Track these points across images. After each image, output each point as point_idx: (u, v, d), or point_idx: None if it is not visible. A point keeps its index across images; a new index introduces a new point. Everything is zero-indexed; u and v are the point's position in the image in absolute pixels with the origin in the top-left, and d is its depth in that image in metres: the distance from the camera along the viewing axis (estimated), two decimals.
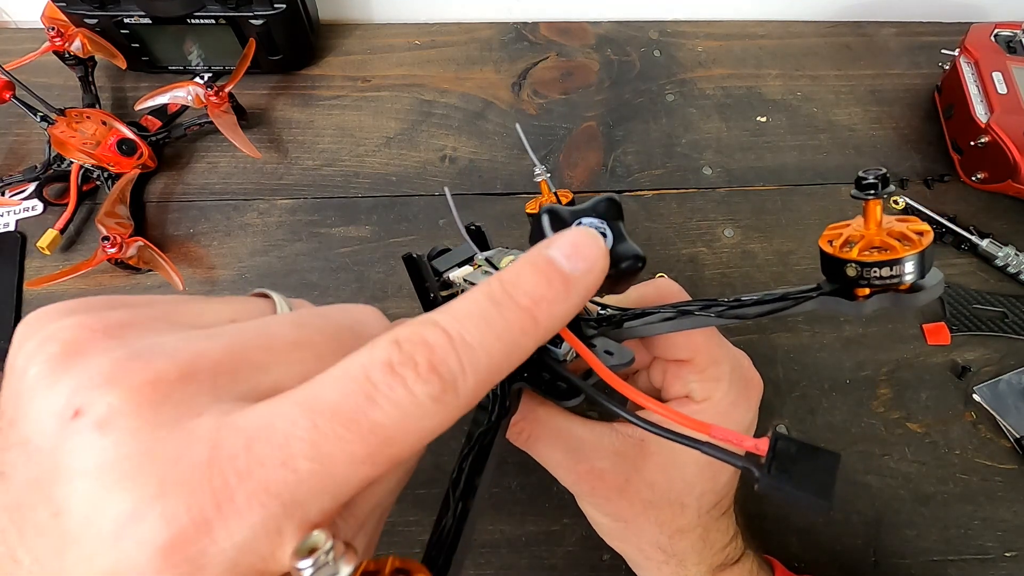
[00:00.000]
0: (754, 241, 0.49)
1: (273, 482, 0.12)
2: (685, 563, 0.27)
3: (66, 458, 0.13)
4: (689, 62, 0.59)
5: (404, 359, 0.14)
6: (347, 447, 0.13)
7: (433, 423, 0.14)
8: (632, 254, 0.19)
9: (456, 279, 0.28)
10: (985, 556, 0.38)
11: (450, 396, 0.14)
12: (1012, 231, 0.49)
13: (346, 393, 0.13)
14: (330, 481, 0.13)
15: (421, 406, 0.13)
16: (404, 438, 0.13)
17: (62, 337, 0.14)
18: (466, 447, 0.20)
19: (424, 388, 0.13)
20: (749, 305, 0.21)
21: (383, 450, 0.13)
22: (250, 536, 0.12)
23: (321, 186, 0.50)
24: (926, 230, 0.18)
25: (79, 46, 0.48)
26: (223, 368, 0.14)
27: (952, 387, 0.43)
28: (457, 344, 0.14)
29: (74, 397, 0.13)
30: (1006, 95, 0.48)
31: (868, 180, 0.18)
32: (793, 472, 0.16)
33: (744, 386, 0.27)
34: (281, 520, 0.13)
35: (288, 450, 0.13)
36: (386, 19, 0.61)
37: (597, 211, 0.19)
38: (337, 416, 0.13)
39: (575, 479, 0.27)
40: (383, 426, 0.13)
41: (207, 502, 0.12)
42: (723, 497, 0.28)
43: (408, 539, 0.37)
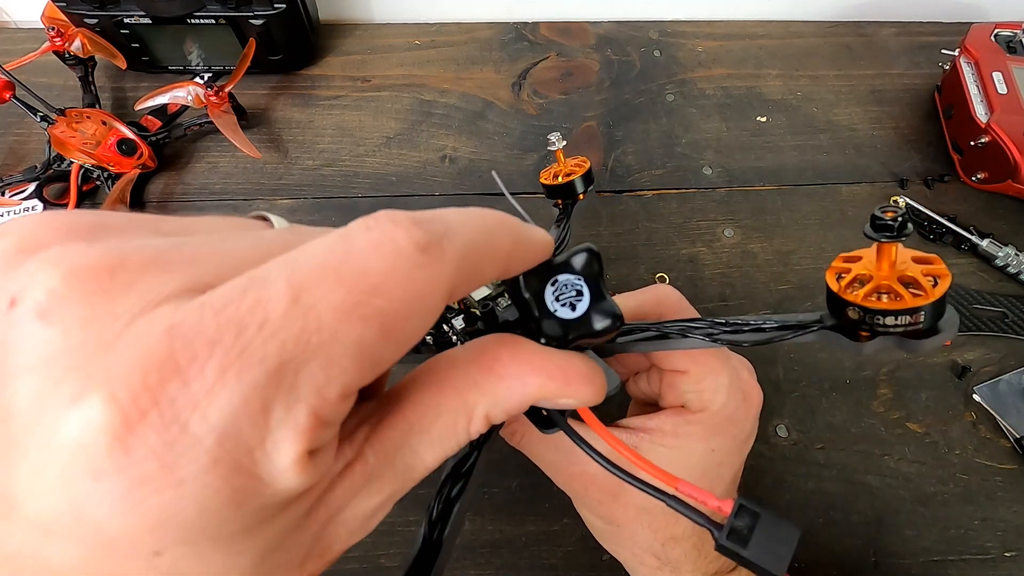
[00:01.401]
0: (754, 241, 0.49)
1: (250, 346, 0.10)
2: (680, 570, 0.27)
3: (9, 354, 0.11)
4: (689, 62, 0.59)
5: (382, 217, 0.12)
6: (330, 295, 0.11)
7: (421, 275, 0.12)
8: (609, 314, 0.18)
9: None
10: (985, 556, 0.38)
11: (435, 251, 0.12)
12: (1012, 231, 0.49)
13: (324, 250, 0.12)
14: (317, 340, 0.11)
15: (406, 253, 0.12)
16: (392, 288, 0.12)
17: (20, 232, 0.12)
18: (446, 472, 0.20)
19: (405, 235, 0.12)
20: (746, 331, 0.20)
21: (371, 300, 0.11)
22: (229, 416, 0.10)
23: (321, 186, 0.50)
24: (943, 274, 0.17)
25: (79, 46, 0.48)
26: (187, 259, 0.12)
27: (952, 387, 0.43)
28: (435, 213, 0.13)
29: (11, 285, 0.11)
30: (1006, 95, 0.48)
31: (884, 220, 0.16)
32: (751, 539, 0.16)
33: (742, 398, 0.27)
34: (266, 393, 0.10)
35: (265, 310, 0.11)
36: (386, 19, 0.61)
37: (573, 268, 0.18)
38: (316, 269, 0.11)
39: (567, 480, 0.27)
40: (367, 272, 0.12)
41: (171, 379, 0.10)
42: None
43: (408, 539, 0.37)
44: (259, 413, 0.10)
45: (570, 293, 0.18)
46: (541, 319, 0.18)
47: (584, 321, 0.18)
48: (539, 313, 0.18)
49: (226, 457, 0.10)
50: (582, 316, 0.18)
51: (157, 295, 0.11)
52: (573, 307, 0.18)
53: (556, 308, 0.18)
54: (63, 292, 0.11)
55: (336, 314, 0.11)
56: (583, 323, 0.18)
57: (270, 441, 0.11)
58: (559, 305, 0.18)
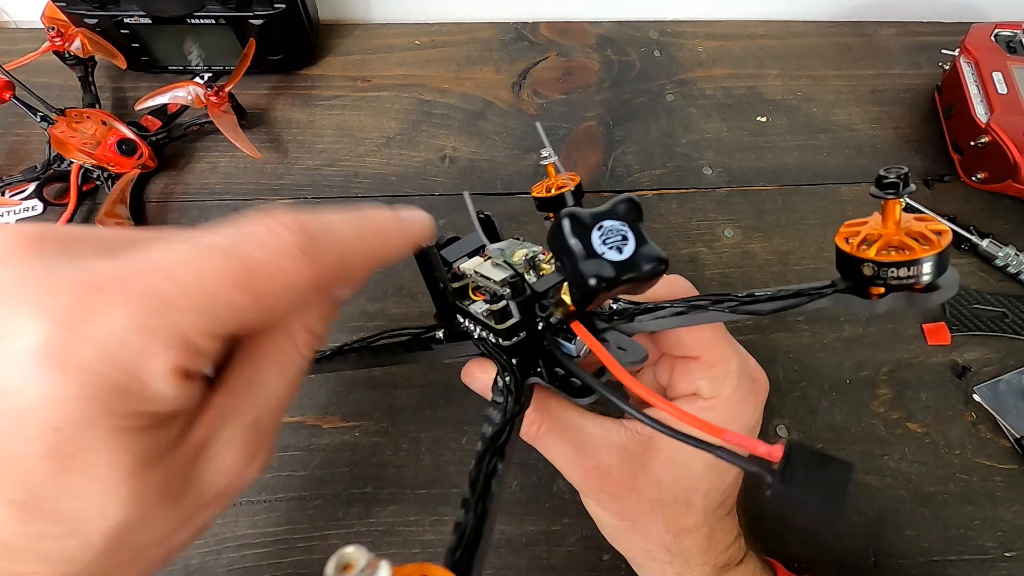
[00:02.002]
0: (754, 241, 0.49)
1: (152, 285, 0.14)
2: (690, 563, 0.27)
3: None
4: (689, 62, 0.59)
5: (273, 217, 0.17)
6: (223, 268, 0.15)
7: (296, 267, 0.16)
8: (655, 257, 0.19)
9: (468, 270, 0.28)
10: (985, 556, 0.38)
11: (311, 248, 0.17)
12: (1012, 231, 0.49)
13: (225, 235, 0.16)
14: (205, 294, 0.15)
15: (285, 247, 0.16)
16: (273, 272, 0.16)
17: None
18: (483, 447, 0.20)
19: (287, 233, 0.16)
20: (763, 301, 0.21)
21: (253, 277, 0.16)
22: (125, 326, 0.14)
23: (321, 186, 0.50)
24: (944, 230, 0.18)
25: (79, 46, 0.48)
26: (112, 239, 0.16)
27: (952, 387, 0.43)
28: (319, 219, 0.17)
29: None
30: (1006, 95, 0.48)
31: (889, 179, 0.18)
32: (806, 480, 0.16)
33: (751, 385, 0.27)
34: (158, 317, 0.14)
35: (170, 268, 0.15)
36: (386, 19, 0.61)
37: (617, 214, 0.19)
38: (214, 247, 0.15)
39: (582, 475, 0.26)
40: (253, 257, 0.16)
41: (82, 303, 0.14)
42: (728, 496, 0.28)
43: (408, 539, 0.37)
44: (143, 330, 0.14)
45: (616, 238, 0.19)
46: (590, 260, 0.18)
47: (632, 262, 0.19)
48: (588, 254, 0.18)
49: (118, 356, 0.14)
50: (630, 258, 0.19)
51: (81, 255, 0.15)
52: (620, 250, 0.19)
53: (604, 251, 0.19)
54: (14, 247, 0.15)
55: (224, 283, 0.15)
56: (632, 264, 0.19)
57: (153, 352, 0.14)
58: (606, 248, 0.19)
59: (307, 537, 0.37)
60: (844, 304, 0.19)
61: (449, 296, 0.27)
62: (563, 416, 0.26)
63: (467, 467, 0.40)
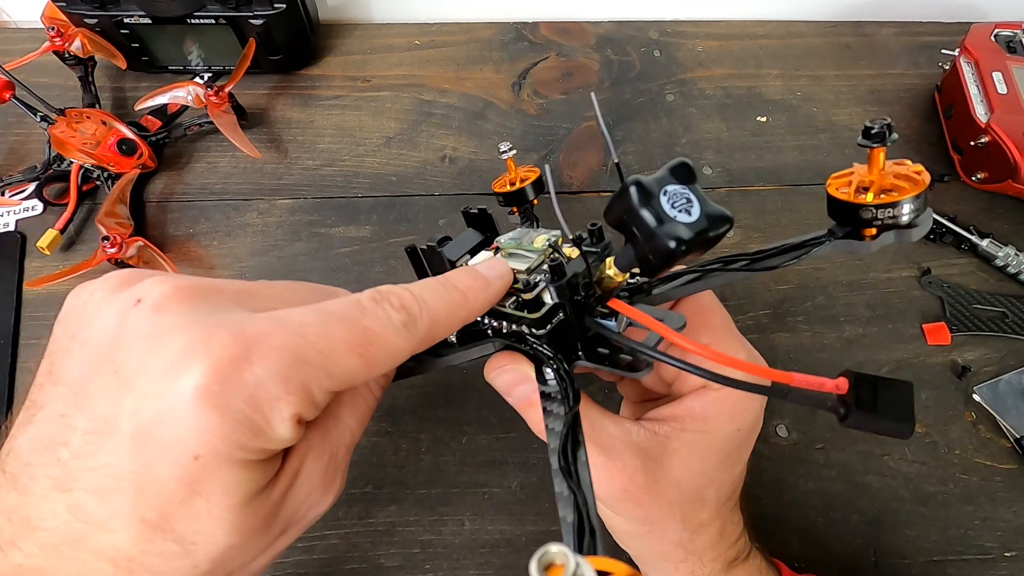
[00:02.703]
0: (754, 241, 0.49)
1: (290, 342, 0.17)
2: (703, 559, 0.27)
3: (127, 332, 0.17)
4: (689, 62, 0.59)
5: (383, 296, 0.20)
6: (344, 334, 0.18)
7: (400, 341, 0.19)
8: (721, 215, 0.20)
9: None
10: (985, 556, 0.38)
11: (412, 326, 0.20)
12: (1012, 231, 0.49)
13: (346, 307, 0.19)
14: (329, 355, 0.18)
15: (394, 325, 0.19)
16: (382, 343, 0.19)
17: (117, 276, 0.19)
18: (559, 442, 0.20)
19: (397, 315, 0.20)
20: (772, 255, 0.22)
21: (367, 347, 0.18)
22: (267, 374, 0.16)
23: (321, 186, 0.50)
24: (921, 170, 0.20)
25: (79, 46, 0.48)
26: (242, 292, 0.19)
27: (952, 387, 0.43)
28: (418, 299, 0.21)
29: (135, 292, 0.18)
30: (1006, 95, 0.48)
31: (875, 129, 0.19)
32: (875, 406, 0.17)
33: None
34: (291, 369, 0.17)
35: (302, 328, 0.17)
36: (386, 19, 0.61)
37: (678, 178, 0.20)
38: (339, 316, 0.18)
39: (608, 477, 0.26)
40: (370, 329, 0.19)
41: (241, 346, 0.16)
42: (736, 488, 0.29)
43: (408, 539, 0.37)
44: (283, 380, 0.17)
45: (682, 201, 0.20)
46: (665, 225, 0.19)
47: (702, 222, 0.19)
48: (661, 220, 0.19)
49: (258, 399, 0.16)
50: (699, 219, 0.19)
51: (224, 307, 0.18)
52: (688, 212, 0.20)
53: (675, 215, 0.19)
54: (171, 296, 0.18)
55: (346, 348, 0.18)
56: (702, 224, 0.19)
57: (284, 400, 0.17)
58: (676, 212, 0.19)
59: (307, 537, 0.37)
60: (843, 248, 0.21)
61: None
62: (588, 416, 0.26)
63: (467, 467, 0.40)
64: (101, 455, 0.16)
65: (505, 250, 0.27)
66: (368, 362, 0.18)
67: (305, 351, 0.17)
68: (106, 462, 0.16)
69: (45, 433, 0.17)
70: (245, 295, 0.19)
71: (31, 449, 0.17)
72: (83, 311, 0.19)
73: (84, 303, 0.19)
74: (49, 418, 0.17)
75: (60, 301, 0.20)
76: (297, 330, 0.17)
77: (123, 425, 0.16)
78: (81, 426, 0.16)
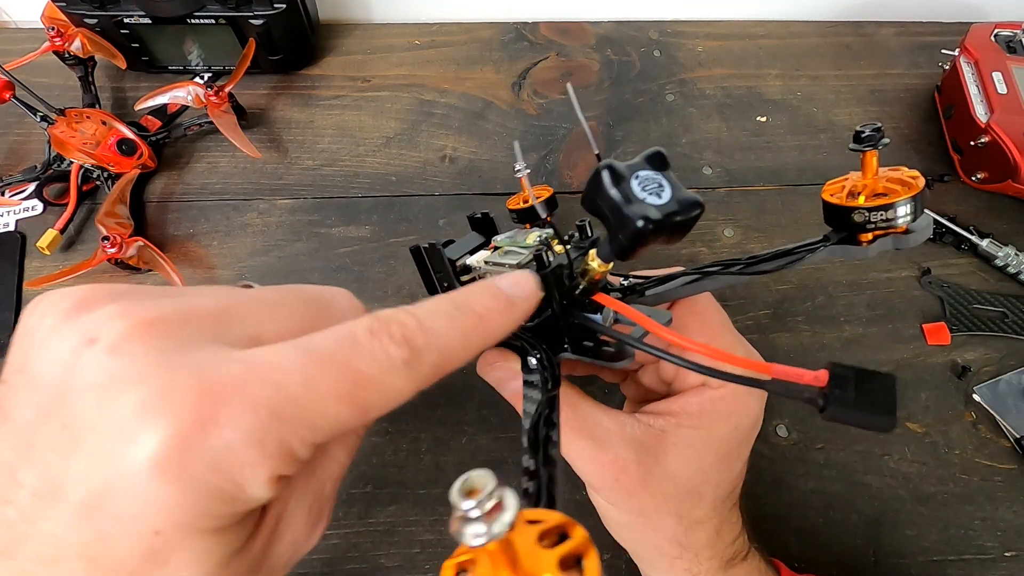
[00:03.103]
0: (754, 241, 0.49)
1: (264, 396, 0.14)
2: (699, 557, 0.27)
3: (77, 377, 0.14)
4: (689, 62, 0.59)
5: (382, 328, 0.17)
6: (332, 381, 0.15)
7: (399, 383, 0.16)
8: (692, 200, 0.20)
9: (475, 263, 0.28)
10: (985, 556, 0.38)
11: (415, 363, 0.17)
12: (1012, 231, 0.49)
13: (335, 343, 0.16)
14: (313, 409, 0.15)
15: (393, 364, 0.16)
16: (378, 388, 0.16)
17: (74, 296, 0.16)
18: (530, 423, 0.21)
19: (397, 351, 0.16)
20: (766, 260, 0.22)
21: (360, 393, 0.16)
22: (236, 439, 0.14)
23: (321, 186, 0.50)
24: (917, 175, 0.20)
25: (79, 46, 0.48)
26: (217, 316, 0.16)
27: (952, 387, 0.43)
28: (424, 327, 0.17)
29: (90, 328, 0.15)
30: (1006, 95, 0.48)
31: (866, 133, 0.19)
32: (855, 399, 0.16)
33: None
34: (266, 430, 0.14)
35: (281, 376, 0.15)
36: (386, 19, 0.61)
37: (650, 164, 0.20)
38: (326, 358, 0.15)
39: (598, 469, 0.26)
40: (363, 373, 0.16)
41: (206, 403, 0.14)
42: (735, 487, 0.29)
43: (408, 539, 0.37)
44: (257, 444, 0.14)
45: (653, 185, 0.20)
46: (634, 204, 0.19)
47: (673, 205, 0.20)
48: (630, 200, 0.19)
49: (226, 466, 0.14)
50: (669, 201, 0.20)
51: (193, 344, 0.15)
52: (659, 196, 0.20)
53: (645, 196, 0.20)
54: (129, 335, 0.15)
55: (334, 398, 0.15)
56: (672, 207, 0.20)
57: (258, 464, 0.14)
58: (647, 194, 0.20)
59: None
60: (839, 255, 0.21)
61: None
62: (580, 409, 0.26)
63: (467, 467, 0.40)
64: (47, 522, 0.14)
65: (499, 247, 0.28)
66: (362, 410, 0.16)
67: (283, 407, 0.14)
68: (52, 531, 0.14)
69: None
70: (222, 321, 0.16)
71: None
72: (32, 337, 0.16)
73: (34, 327, 0.16)
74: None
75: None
76: (275, 379, 0.15)
77: (71, 492, 0.14)
78: (28, 483, 0.14)
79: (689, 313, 0.27)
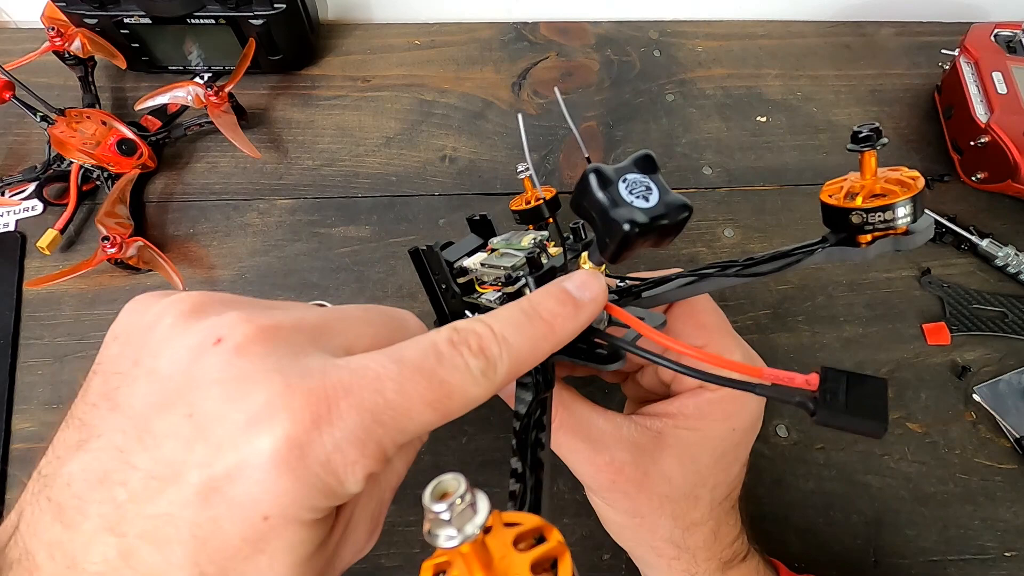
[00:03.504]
0: (754, 241, 0.49)
1: (368, 401, 0.16)
2: (696, 558, 0.27)
3: (204, 372, 0.16)
4: (689, 62, 0.59)
5: (461, 339, 0.18)
6: (421, 390, 0.17)
7: (477, 391, 0.18)
8: (680, 203, 0.20)
9: (472, 265, 0.28)
10: (985, 556, 0.38)
11: (491, 372, 0.18)
12: (1012, 231, 0.49)
13: (423, 354, 0.17)
14: (405, 413, 0.17)
15: (472, 374, 0.18)
16: (459, 395, 0.17)
17: (190, 300, 0.18)
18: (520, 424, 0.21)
19: (475, 361, 0.18)
20: (763, 262, 0.22)
21: (444, 401, 0.17)
22: (344, 438, 0.16)
23: (321, 186, 0.50)
24: (917, 175, 0.19)
25: (79, 46, 0.48)
26: (319, 328, 0.18)
27: (952, 387, 0.43)
28: (498, 337, 0.19)
29: (214, 331, 0.17)
30: (1006, 95, 0.48)
31: (863, 133, 0.19)
32: (846, 403, 0.16)
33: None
34: (368, 432, 0.16)
35: (380, 383, 0.16)
36: (386, 19, 0.61)
37: (638, 167, 0.20)
38: (417, 368, 0.17)
39: (593, 471, 0.26)
40: (447, 382, 0.17)
41: (322, 405, 0.16)
42: (733, 489, 0.28)
43: (408, 539, 0.37)
44: (360, 443, 0.16)
45: (640, 188, 0.20)
46: (620, 208, 0.19)
47: (660, 209, 0.20)
48: (617, 204, 0.19)
49: (333, 463, 0.16)
50: (656, 205, 0.20)
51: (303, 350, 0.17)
52: (646, 199, 0.20)
53: (632, 200, 0.20)
54: (252, 338, 0.17)
55: (422, 404, 0.17)
56: (659, 210, 0.20)
57: (359, 462, 0.16)
58: (634, 198, 0.20)
59: None
60: (838, 256, 0.21)
61: (454, 293, 0.27)
62: (576, 411, 0.26)
63: (467, 467, 0.40)
64: (163, 502, 0.15)
65: (496, 250, 0.28)
66: (443, 415, 0.17)
67: (382, 411, 0.16)
68: (167, 511, 0.15)
69: (101, 466, 0.16)
70: (322, 332, 0.18)
71: (84, 480, 0.16)
72: (148, 333, 0.17)
73: (150, 325, 0.17)
74: (106, 449, 0.16)
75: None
76: (375, 386, 0.16)
77: (191, 475, 0.15)
78: (143, 467, 0.15)
79: (686, 315, 0.27)
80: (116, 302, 0.45)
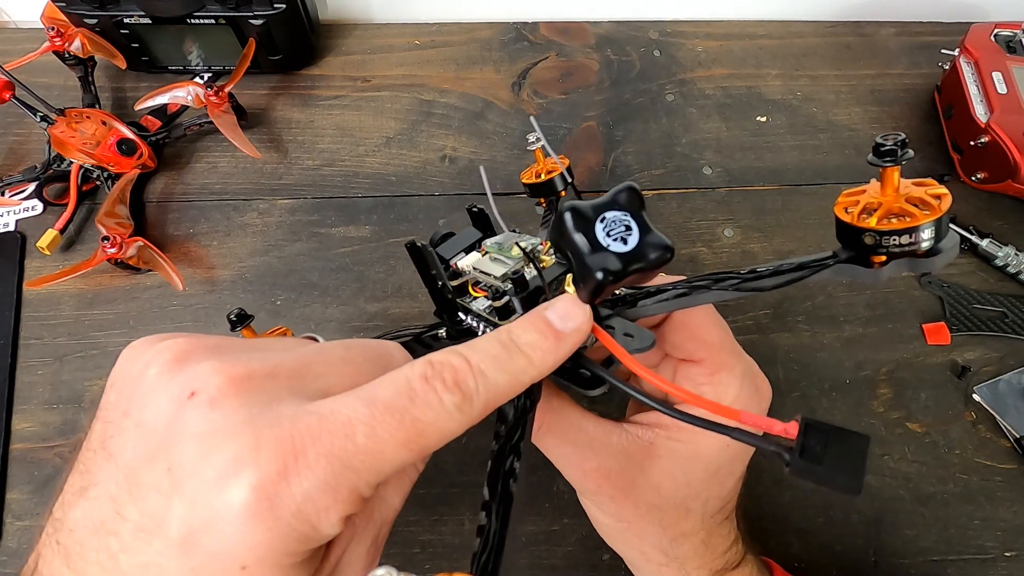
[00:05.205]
0: (754, 241, 0.49)
1: (337, 448, 0.16)
2: (686, 566, 0.27)
3: (182, 427, 0.17)
4: (689, 62, 0.59)
5: (436, 374, 0.18)
6: (393, 431, 0.17)
7: (453, 426, 0.18)
8: (660, 245, 0.19)
9: (465, 267, 0.28)
10: (985, 556, 0.38)
11: (467, 407, 0.18)
12: (1012, 231, 0.49)
13: (395, 394, 0.17)
14: (378, 456, 0.17)
15: (446, 410, 0.18)
16: (433, 433, 0.17)
17: (174, 349, 0.18)
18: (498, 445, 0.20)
19: (449, 397, 0.18)
20: (765, 276, 0.21)
21: (417, 439, 0.17)
22: (314, 487, 0.16)
23: (321, 186, 0.50)
24: (944, 194, 0.17)
25: (79, 46, 0.48)
26: (296, 373, 0.18)
27: (952, 387, 0.43)
28: (475, 371, 0.18)
29: (190, 383, 0.17)
30: (1006, 95, 0.48)
31: (887, 146, 0.17)
32: (823, 456, 0.16)
33: (755, 392, 0.27)
34: (339, 478, 0.16)
35: (350, 428, 0.17)
36: (386, 19, 0.61)
37: (619, 203, 0.19)
38: (387, 408, 0.17)
39: (581, 476, 0.26)
40: (420, 420, 0.17)
41: (289, 456, 0.16)
42: (727, 503, 0.28)
43: (408, 539, 0.37)
44: (332, 490, 0.16)
45: (619, 228, 0.19)
46: (596, 254, 0.18)
47: (638, 253, 0.19)
48: (593, 249, 0.18)
49: (305, 511, 0.16)
50: (635, 248, 0.19)
51: (276, 398, 0.17)
52: (624, 241, 0.19)
53: (609, 243, 0.19)
54: (225, 391, 0.17)
55: (395, 445, 0.17)
56: (637, 255, 0.19)
57: (332, 508, 0.16)
58: (611, 240, 0.19)
59: None
60: (846, 274, 0.19)
61: (448, 294, 0.27)
62: (565, 415, 0.26)
63: (467, 467, 0.40)
64: (150, 552, 0.16)
65: (488, 253, 0.28)
66: (418, 453, 0.17)
67: (352, 456, 0.16)
68: (155, 560, 0.16)
69: (98, 515, 0.17)
70: (299, 376, 0.19)
71: (84, 528, 0.17)
72: (137, 384, 0.18)
73: (139, 374, 0.18)
74: (101, 498, 0.17)
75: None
76: (344, 431, 0.16)
77: (172, 528, 0.16)
78: (132, 518, 0.16)
79: (686, 326, 0.26)
80: (116, 302, 0.45)
